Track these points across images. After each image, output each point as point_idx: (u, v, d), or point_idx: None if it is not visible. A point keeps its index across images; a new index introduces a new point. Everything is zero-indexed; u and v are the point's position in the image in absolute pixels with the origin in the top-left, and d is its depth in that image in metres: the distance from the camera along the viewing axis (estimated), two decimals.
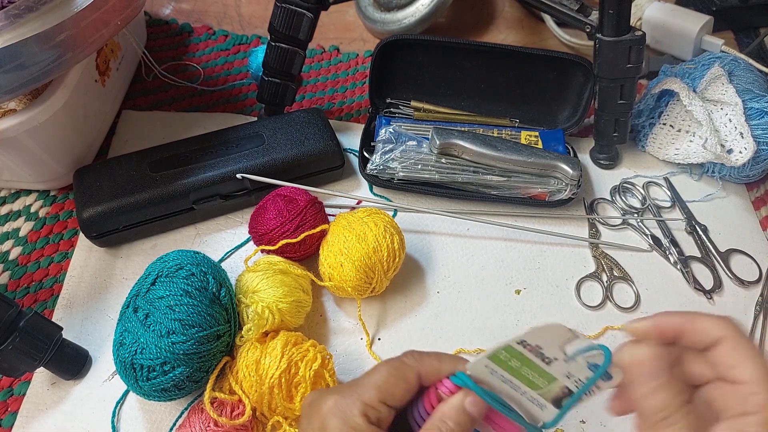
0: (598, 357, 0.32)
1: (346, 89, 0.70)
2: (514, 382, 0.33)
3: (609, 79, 0.56)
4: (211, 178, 0.54)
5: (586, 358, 0.32)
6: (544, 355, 0.33)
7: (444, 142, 0.57)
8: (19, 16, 0.43)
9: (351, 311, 0.52)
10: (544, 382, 0.33)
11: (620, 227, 0.59)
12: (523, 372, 0.33)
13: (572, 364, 0.32)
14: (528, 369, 0.33)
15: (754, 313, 0.54)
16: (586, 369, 0.32)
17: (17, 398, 0.47)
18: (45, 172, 0.56)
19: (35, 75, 0.45)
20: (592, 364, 0.32)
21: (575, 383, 0.32)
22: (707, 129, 0.57)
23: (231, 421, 0.41)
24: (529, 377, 0.33)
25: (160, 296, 0.42)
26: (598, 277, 0.55)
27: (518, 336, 0.32)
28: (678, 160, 0.62)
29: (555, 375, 0.33)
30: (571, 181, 0.57)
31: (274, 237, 0.50)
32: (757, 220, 0.61)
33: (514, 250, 0.57)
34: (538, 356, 0.33)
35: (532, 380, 0.33)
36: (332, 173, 0.60)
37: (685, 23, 0.69)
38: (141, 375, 0.41)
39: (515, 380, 0.33)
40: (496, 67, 0.63)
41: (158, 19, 0.76)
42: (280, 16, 0.55)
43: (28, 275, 0.54)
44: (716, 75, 0.59)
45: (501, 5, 0.81)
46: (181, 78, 0.68)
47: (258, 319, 0.45)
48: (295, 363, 0.42)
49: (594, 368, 0.32)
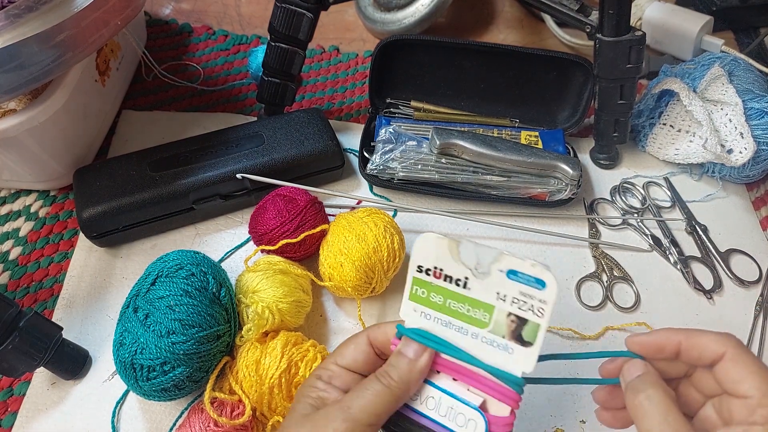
0: (506, 262, 0.30)
1: (346, 89, 0.70)
2: (456, 323, 0.32)
3: (609, 79, 0.56)
4: (211, 178, 0.54)
5: (496, 267, 0.30)
6: (453, 278, 0.32)
7: (444, 142, 0.57)
8: (19, 15, 0.43)
9: (351, 311, 0.52)
10: (484, 314, 0.31)
11: (620, 227, 0.59)
12: (452, 307, 0.32)
13: (487, 278, 0.31)
14: (453, 301, 0.32)
15: (754, 313, 0.54)
16: (507, 280, 0.30)
17: (17, 398, 0.47)
18: (45, 172, 0.56)
19: (35, 75, 0.45)
20: (510, 272, 0.30)
21: (515, 304, 0.31)
22: (707, 129, 0.57)
23: (231, 421, 0.41)
24: (463, 312, 0.32)
25: (160, 296, 0.42)
26: (598, 277, 0.55)
27: (411, 262, 0.32)
28: (678, 160, 0.62)
29: (483, 299, 0.31)
30: (571, 181, 0.57)
31: (274, 237, 0.50)
32: (757, 220, 0.61)
33: (514, 250, 0.56)
34: (448, 281, 0.32)
35: (470, 315, 0.32)
36: (332, 173, 0.60)
37: (685, 23, 0.69)
38: (141, 375, 0.41)
39: (455, 320, 0.32)
40: (496, 67, 0.63)
41: (158, 19, 0.76)
42: (280, 16, 0.55)
43: (28, 275, 0.54)
44: (716, 75, 0.59)
45: (501, 5, 0.81)
46: (181, 78, 0.68)
47: (258, 319, 0.45)
48: (295, 363, 0.42)
49: (515, 276, 0.30)
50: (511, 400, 0.31)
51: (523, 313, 0.31)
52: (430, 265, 0.32)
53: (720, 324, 0.53)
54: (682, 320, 0.53)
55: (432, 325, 0.33)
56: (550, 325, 0.51)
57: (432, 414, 0.32)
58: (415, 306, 0.33)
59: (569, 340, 0.52)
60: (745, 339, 0.52)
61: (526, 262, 0.30)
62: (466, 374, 0.32)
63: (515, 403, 0.31)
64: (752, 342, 0.52)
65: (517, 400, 0.31)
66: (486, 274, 0.31)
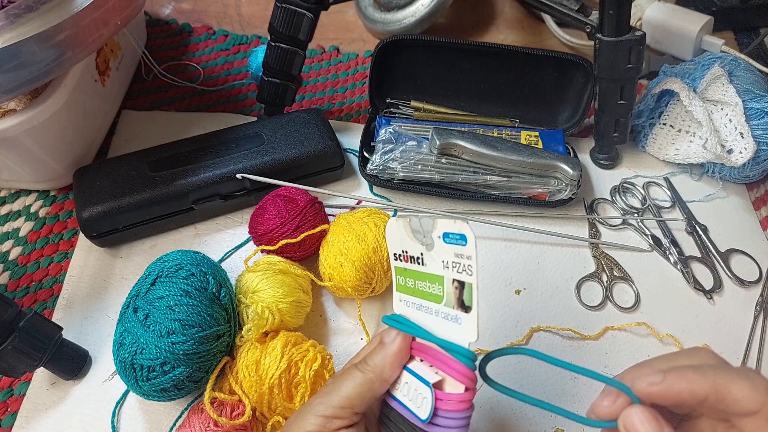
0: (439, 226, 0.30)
1: (346, 89, 0.70)
2: (424, 304, 0.32)
3: (609, 80, 0.56)
4: (211, 178, 0.54)
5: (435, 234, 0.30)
6: (414, 257, 0.32)
7: (444, 143, 0.57)
8: (19, 15, 0.43)
9: (351, 311, 0.52)
10: (439, 287, 0.31)
11: (620, 227, 0.59)
12: (420, 288, 0.32)
13: (433, 249, 0.31)
14: (419, 281, 0.32)
15: (754, 313, 0.54)
16: (444, 244, 0.30)
17: (17, 398, 0.47)
18: (45, 172, 0.56)
19: (35, 75, 0.45)
20: (444, 235, 0.30)
21: (454, 268, 0.30)
22: (707, 129, 0.57)
23: (231, 422, 0.41)
24: (426, 290, 0.32)
25: (160, 296, 0.42)
26: (598, 277, 0.55)
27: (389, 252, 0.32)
28: (678, 161, 0.62)
29: (435, 272, 0.31)
30: (571, 182, 0.57)
31: (273, 237, 0.50)
32: (757, 220, 0.61)
33: (514, 251, 0.57)
34: (412, 261, 0.32)
35: (430, 292, 0.32)
36: (332, 173, 0.60)
37: (685, 23, 0.69)
38: (141, 375, 0.41)
39: (423, 301, 0.32)
40: (496, 68, 0.63)
41: (158, 19, 0.76)
42: (280, 16, 0.55)
43: (27, 275, 0.54)
44: (716, 75, 0.59)
45: (501, 5, 0.81)
46: (180, 78, 0.68)
47: (258, 319, 0.45)
48: (295, 363, 0.42)
49: (447, 239, 0.30)
50: (463, 376, 0.30)
51: (459, 275, 0.30)
52: (399, 250, 0.32)
53: (720, 324, 0.53)
54: (682, 320, 0.53)
55: (410, 311, 0.33)
56: (549, 326, 0.52)
57: (402, 398, 0.33)
58: (401, 296, 0.34)
59: (569, 340, 0.52)
60: (745, 339, 0.52)
61: (449, 221, 0.29)
62: (429, 354, 0.32)
63: (467, 380, 0.30)
64: (752, 342, 0.52)
65: (469, 376, 0.30)
66: (431, 244, 0.31)
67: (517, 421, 0.47)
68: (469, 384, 0.30)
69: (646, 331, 0.52)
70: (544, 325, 0.52)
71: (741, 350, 0.52)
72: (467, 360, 0.30)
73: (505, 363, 0.50)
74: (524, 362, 0.50)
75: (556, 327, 0.52)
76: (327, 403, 0.32)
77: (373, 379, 0.32)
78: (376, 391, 0.32)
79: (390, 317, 0.34)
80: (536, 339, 0.52)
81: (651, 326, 0.52)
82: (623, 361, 0.51)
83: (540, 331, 0.52)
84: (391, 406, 0.33)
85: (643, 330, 0.52)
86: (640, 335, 0.52)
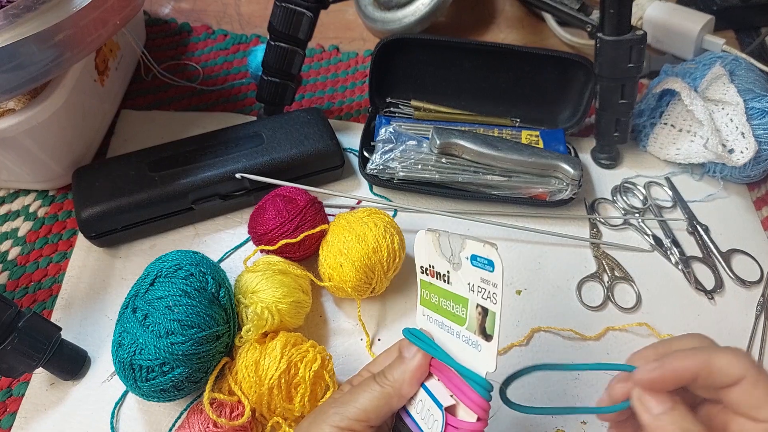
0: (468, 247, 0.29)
1: (345, 89, 0.70)
2: (446, 323, 0.31)
3: (610, 79, 0.56)
4: (211, 177, 0.54)
5: (463, 255, 0.29)
6: (440, 273, 0.31)
7: (444, 142, 0.57)
8: (18, 15, 0.43)
9: (351, 312, 0.52)
10: (462, 309, 0.30)
11: (621, 227, 0.59)
12: (444, 306, 0.31)
13: (460, 269, 0.30)
14: (444, 299, 0.31)
15: (756, 313, 0.54)
16: (472, 267, 0.29)
17: (16, 399, 0.47)
18: (44, 172, 0.56)
19: (34, 75, 0.44)
20: (472, 258, 0.29)
21: (479, 293, 0.29)
22: (708, 129, 0.57)
23: (230, 422, 0.41)
24: (450, 310, 0.31)
25: (159, 297, 0.42)
26: (599, 278, 0.55)
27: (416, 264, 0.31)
28: (679, 160, 0.62)
29: (460, 293, 0.30)
30: (572, 181, 0.57)
31: (273, 237, 0.50)
32: (758, 220, 0.60)
33: (515, 251, 0.57)
34: (438, 278, 0.31)
35: (454, 313, 0.31)
36: (332, 173, 0.60)
37: (686, 23, 0.69)
38: (140, 376, 0.41)
39: (446, 320, 0.31)
40: (496, 67, 0.62)
41: (157, 19, 0.76)
42: (280, 16, 0.55)
43: (26, 275, 0.54)
44: (717, 75, 0.59)
45: (501, 4, 0.80)
46: (180, 77, 0.68)
47: (257, 319, 0.44)
48: (295, 364, 0.42)
49: (475, 262, 0.29)
50: (477, 406, 0.29)
51: (484, 302, 0.29)
52: (426, 264, 0.32)
53: (721, 324, 0.53)
54: (683, 320, 0.53)
55: (432, 328, 0.32)
56: (549, 326, 0.52)
57: (415, 415, 0.32)
58: (423, 310, 0.33)
59: (570, 340, 0.52)
60: (746, 339, 0.52)
61: (479, 244, 0.28)
62: (446, 375, 0.31)
63: (480, 411, 0.29)
64: (753, 342, 0.52)
65: (483, 407, 0.29)
66: (459, 264, 0.30)
67: (517, 421, 0.47)
68: (481, 414, 0.30)
69: (647, 332, 0.52)
70: (545, 326, 0.52)
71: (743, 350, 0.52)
72: (483, 390, 0.29)
73: (505, 363, 0.50)
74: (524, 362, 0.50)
75: (557, 327, 0.52)
76: (343, 413, 0.31)
77: (391, 394, 0.32)
78: (393, 406, 0.32)
79: (410, 331, 0.33)
80: (537, 339, 0.51)
81: (652, 326, 0.52)
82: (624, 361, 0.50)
83: (540, 331, 0.52)
84: (404, 421, 0.33)
85: (644, 330, 0.52)
86: (641, 336, 0.52)
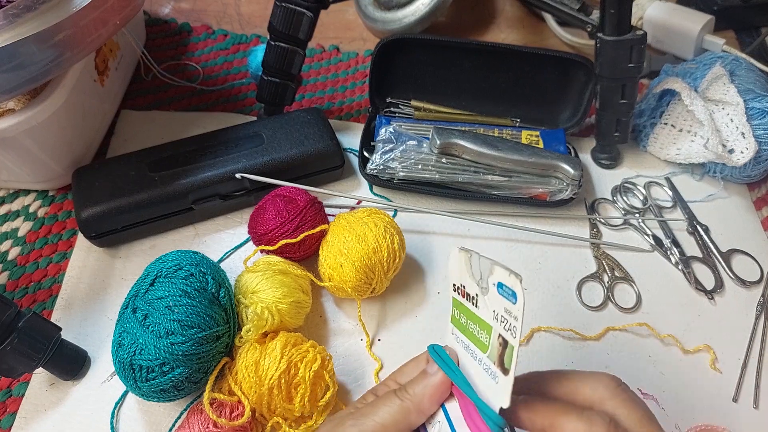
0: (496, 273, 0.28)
1: (346, 89, 0.70)
2: (471, 347, 0.30)
3: (610, 79, 0.56)
4: (211, 178, 0.54)
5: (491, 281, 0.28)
6: (470, 294, 0.30)
7: (444, 142, 0.57)
8: (18, 15, 0.43)
9: (351, 312, 0.52)
10: (486, 337, 0.29)
11: (621, 227, 0.59)
12: (470, 329, 0.30)
13: (487, 294, 0.29)
14: (471, 321, 0.30)
15: (756, 313, 0.54)
16: (498, 295, 0.28)
17: (16, 399, 0.47)
18: (43, 172, 0.56)
19: (34, 75, 0.44)
20: (498, 285, 0.28)
21: (502, 323, 0.28)
22: (709, 129, 0.57)
23: (230, 422, 0.41)
24: (476, 335, 0.30)
25: (159, 297, 0.42)
26: (599, 278, 0.55)
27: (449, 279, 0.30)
28: (679, 160, 0.62)
29: (486, 319, 0.29)
30: (572, 181, 0.57)
31: (273, 237, 0.50)
32: (758, 220, 0.60)
33: (515, 251, 0.57)
34: (467, 299, 0.30)
35: (478, 337, 0.30)
36: (332, 173, 0.59)
37: (686, 23, 0.69)
38: (140, 376, 0.41)
39: (471, 343, 0.30)
40: (496, 67, 0.62)
41: (157, 19, 0.76)
42: (280, 15, 0.55)
43: (26, 276, 0.53)
44: (717, 75, 0.59)
45: (502, 4, 0.80)
46: (180, 78, 0.68)
47: (257, 319, 0.44)
48: (295, 364, 0.42)
49: (501, 290, 0.28)
50: None
51: (505, 333, 0.28)
52: (458, 282, 0.31)
53: (721, 324, 0.53)
54: (684, 320, 0.53)
55: (458, 348, 0.32)
56: (550, 326, 0.52)
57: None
58: (453, 329, 0.32)
59: (570, 340, 0.51)
60: (746, 340, 0.52)
61: (505, 272, 0.27)
62: (464, 402, 0.30)
63: None
64: (753, 343, 0.52)
65: None
66: (486, 289, 0.29)
67: None
68: None
69: (647, 332, 0.52)
70: (545, 326, 0.52)
71: (742, 350, 0.52)
72: (495, 427, 0.28)
73: None
74: (524, 363, 0.50)
75: (557, 327, 0.52)
76: (361, 426, 0.31)
77: (411, 409, 0.31)
78: (412, 422, 0.31)
79: (435, 348, 0.32)
80: (536, 339, 0.51)
81: (652, 326, 0.52)
82: (624, 362, 0.50)
83: (541, 331, 0.52)
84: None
85: (645, 330, 0.52)
86: (641, 336, 0.52)
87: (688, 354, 0.51)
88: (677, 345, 0.51)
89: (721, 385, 0.50)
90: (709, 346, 0.51)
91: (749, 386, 0.50)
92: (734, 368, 0.51)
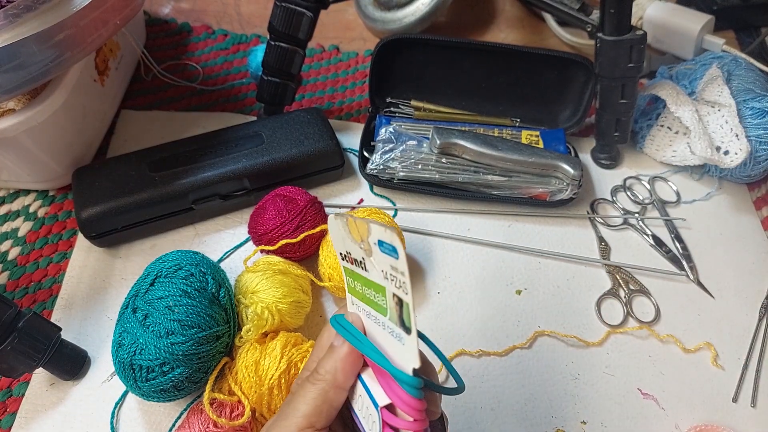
0: (374, 232, 0.26)
1: (346, 89, 0.70)
2: (372, 314, 0.29)
3: (610, 79, 0.56)
4: (211, 177, 0.54)
5: (371, 240, 0.27)
6: (357, 260, 0.28)
7: (444, 142, 0.57)
8: (18, 15, 0.43)
9: None
10: (383, 299, 0.28)
11: (621, 227, 0.59)
12: (366, 294, 0.29)
13: (372, 255, 0.27)
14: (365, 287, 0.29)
15: (759, 315, 0.54)
16: (381, 253, 0.26)
17: (16, 399, 0.47)
18: (44, 172, 0.56)
19: (34, 75, 0.44)
20: (379, 243, 0.26)
21: (392, 281, 0.26)
22: (695, 134, 0.57)
23: (230, 422, 0.41)
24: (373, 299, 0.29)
25: (159, 297, 0.42)
26: (615, 294, 0.54)
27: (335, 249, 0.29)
28: (675, 162, 0.61)
29: (377, 281, 0.28)
30: (572, 181, 0.57)
31: (273, 237, 0.50)
32: (758, 220, 0.60)
33: (515, 250, 0.57)
34: (356, 264, 0.29)
35: (376, 301, 0.28)
36: (332, 173, 0.59)
37: (686, 22, 0.69)
38: (140, 376, 0.41)
39: (372, 310, 0.29)
40: (496, 67, 0.62)
41: (157, 19, 0.76)
42: (280, 15, 0.55)
43: (26, 275, 0.53)
44: (713, 76, 0.59)
45: (501, 4, 0.80)
46: (180, 77, 0.68)
47: (257, 319, 0.44)
48: (295, 364, 0.42)
49: (383, 247, 0.26)
50: (408, 407, 0.27)
51: (397, 291, 0.26)
52: (343, 250, 0.30)
53: (723, 325, 0.53)
54: (684, 320, 0.53)
55: (363, 317, 0.30)
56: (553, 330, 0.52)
57: (358, 413, 0.30)
58: (352, 298, 0.31)
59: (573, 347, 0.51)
60: (749, 341, 0.52)
61: (381, 228, 0.26)
62: (379, 371, 0.28)
63: (413, 411, 0.27)
64: (755, 343, 0.52)
65: (414, 406, 0.26)
66: (370, 250, 0.27)
67: (517, 421, 0.47)
68: (416, 415, 0.27)
69: (646, 334, 0.52)
70: (549, 330, 0.52)
71: (742, 350, 0.52)
72: (412, 389, 0.26)
73: (506, 364, 0.50)
74: (525, 363, 0.50)
75: (561, 333, 0.52)
76: (285, 428, 0.29)
77: (326, 389, 0.29)
78: (332, 400, 0.29)
79: (337, 319, 0.30)
80: (539, 341, 0.51)
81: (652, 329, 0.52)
82: (624, 361, 0.51)
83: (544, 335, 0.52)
84: (353, 417, 0.30)
85: (644, 333, 0.52)
86: (641, 338, 0.52)
87: (688, 353, 0.51)
88: (677, 345, 0.51)
89: (721, 385, 0.50)
90: (709, 344, 0.51)
91: (749, 386, 0.50)
92: (734, 368, 0.51)
